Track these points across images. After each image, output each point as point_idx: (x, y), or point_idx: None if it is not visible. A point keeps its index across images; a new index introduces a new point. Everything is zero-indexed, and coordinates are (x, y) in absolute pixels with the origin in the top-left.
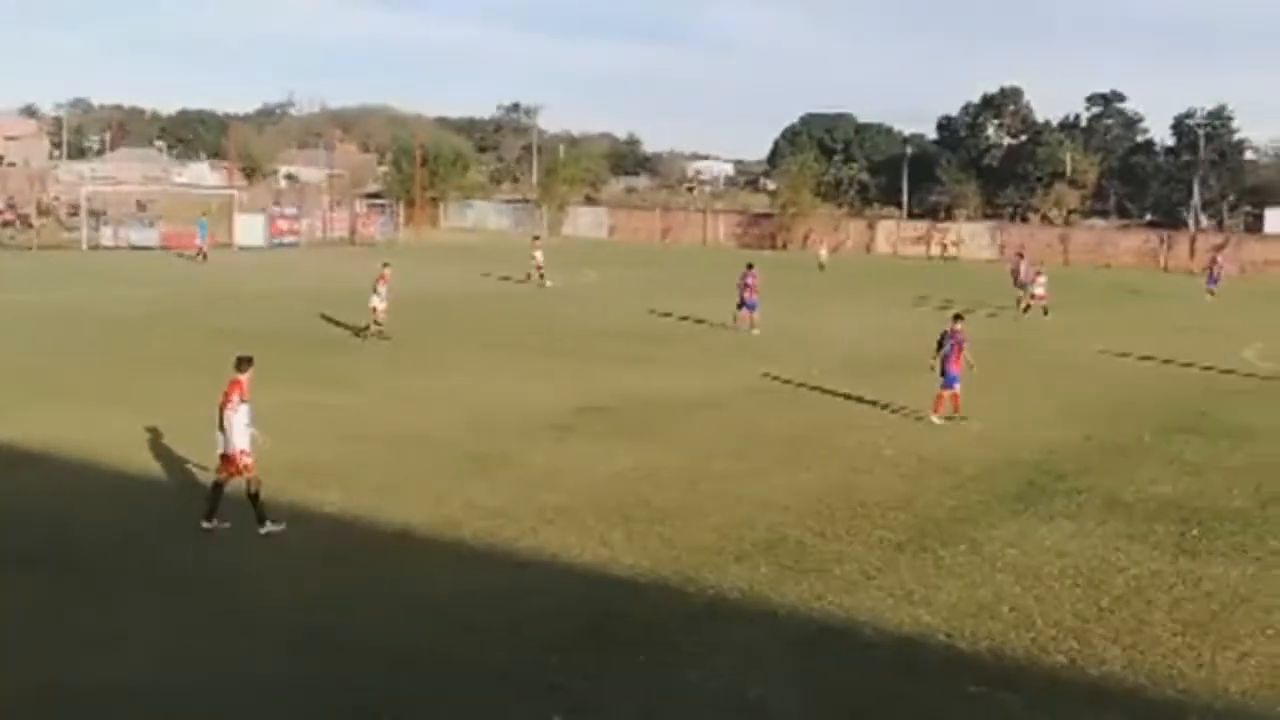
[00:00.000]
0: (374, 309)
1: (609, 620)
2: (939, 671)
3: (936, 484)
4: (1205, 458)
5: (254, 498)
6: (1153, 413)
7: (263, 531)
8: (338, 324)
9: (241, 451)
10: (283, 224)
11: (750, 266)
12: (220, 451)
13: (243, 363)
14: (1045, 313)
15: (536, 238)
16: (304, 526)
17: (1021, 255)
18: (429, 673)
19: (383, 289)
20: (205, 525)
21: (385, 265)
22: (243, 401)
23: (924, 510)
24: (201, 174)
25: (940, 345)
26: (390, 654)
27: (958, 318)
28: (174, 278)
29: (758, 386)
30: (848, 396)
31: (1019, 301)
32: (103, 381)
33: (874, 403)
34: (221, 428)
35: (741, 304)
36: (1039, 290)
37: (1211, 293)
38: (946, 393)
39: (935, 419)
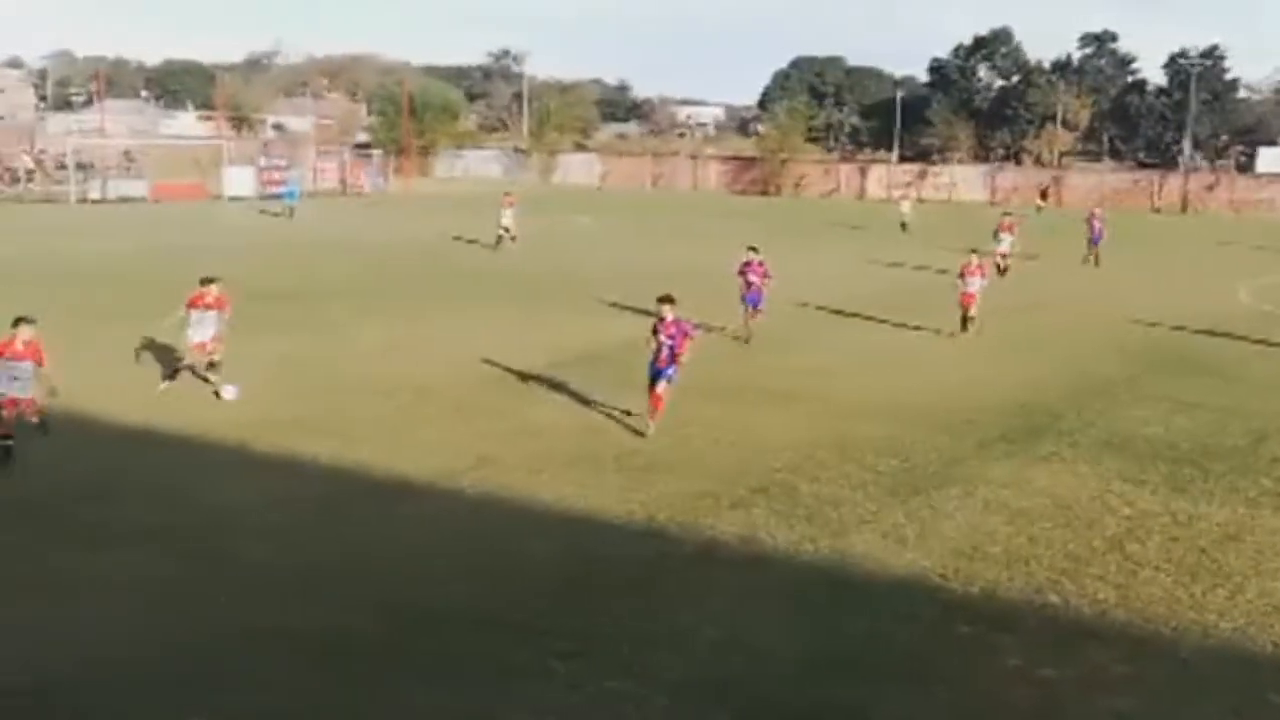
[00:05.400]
0: None
1: (603, 566)
2: (932, 613)
3: (928, 427)
4: (1198, 397)
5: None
6: (1145, 352)
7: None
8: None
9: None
10: (273, 175)
11: (753, 250)
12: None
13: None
14: (1001, 272)
15: (508, 194)
16: (298, 476)
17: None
18: (425, 620)
19: None
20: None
21: None
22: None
23: (916, 454)
24: (188, 125)
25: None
26: (386, 602)
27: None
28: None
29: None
30: (838, 342)
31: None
32: None
33: (864, 348)
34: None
35: (746, 299)
36: (1004, 248)
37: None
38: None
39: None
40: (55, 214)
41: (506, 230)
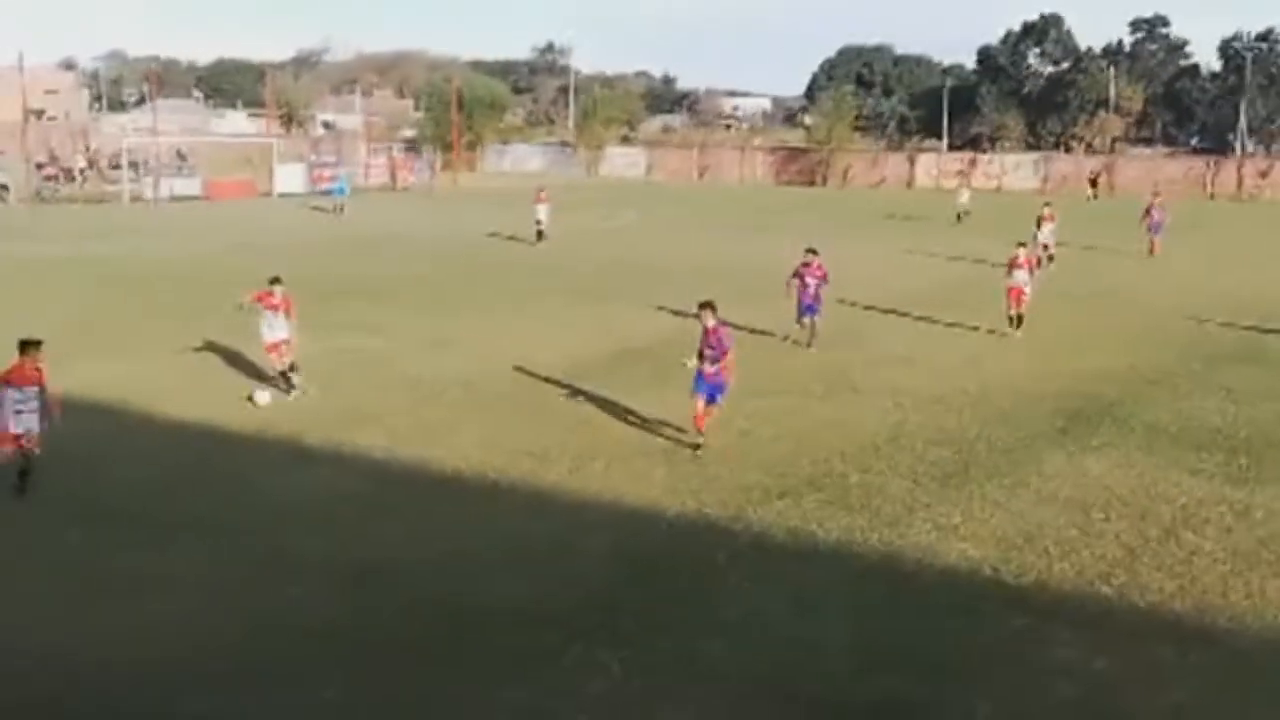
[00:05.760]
0: None
1: (655, 559)
2: (985, 605)
3: (978, 417)
4: (1254, 386)
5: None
6: (1200, 342)
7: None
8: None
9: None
10: (323, 172)
11: (813, 252)
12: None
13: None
14: (1048, 260)
15: (541, 190)
16: (350, 472)
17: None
18: (477, 615)
19: None
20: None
21: None
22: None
23: (967, 443)
24: (239, 123)
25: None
26: (437, 598)
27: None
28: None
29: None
30: (888, 334)
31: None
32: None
33: (915, 339)
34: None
35: (805, 307)
36: (1047, 239)
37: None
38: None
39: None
40: (110, 213)
41: (539, 224)
